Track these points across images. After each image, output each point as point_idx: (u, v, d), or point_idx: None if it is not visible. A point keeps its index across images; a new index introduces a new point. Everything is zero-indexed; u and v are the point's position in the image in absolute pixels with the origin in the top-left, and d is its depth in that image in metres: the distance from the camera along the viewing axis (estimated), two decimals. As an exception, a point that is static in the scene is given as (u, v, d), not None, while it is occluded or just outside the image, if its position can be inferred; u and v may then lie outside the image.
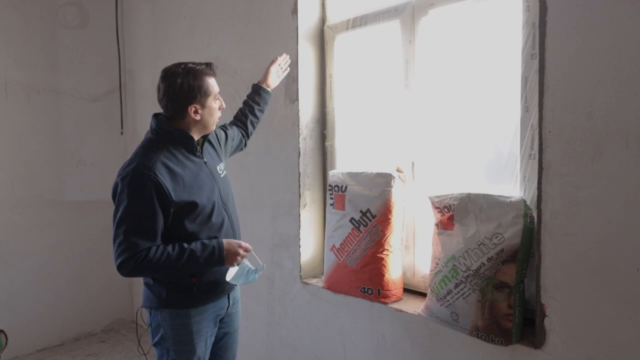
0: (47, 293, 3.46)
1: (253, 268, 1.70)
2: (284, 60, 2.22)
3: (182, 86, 1.60)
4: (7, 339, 3.21)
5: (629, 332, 1.38)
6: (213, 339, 1.81)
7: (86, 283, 3.63)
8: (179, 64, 1.65)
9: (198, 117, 1.66)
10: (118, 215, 1.54)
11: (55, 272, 3.50)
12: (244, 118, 2.12)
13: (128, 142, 3.82)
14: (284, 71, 2.23)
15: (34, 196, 3.39)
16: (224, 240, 1.65)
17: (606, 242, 1.40)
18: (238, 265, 1.66)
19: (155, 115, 1.70)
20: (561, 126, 1.46)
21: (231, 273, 1.64)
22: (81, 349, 3.48)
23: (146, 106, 3.62)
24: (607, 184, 1.39)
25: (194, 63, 1.66)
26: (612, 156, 1.37)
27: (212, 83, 1.68)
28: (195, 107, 1.64)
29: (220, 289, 1.75)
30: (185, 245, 1.59)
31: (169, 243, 1.59)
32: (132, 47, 3.73)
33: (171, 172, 1.59)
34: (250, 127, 2.14)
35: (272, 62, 2.17)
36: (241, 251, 1.65)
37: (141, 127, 3.71)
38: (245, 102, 2.15)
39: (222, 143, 1.95)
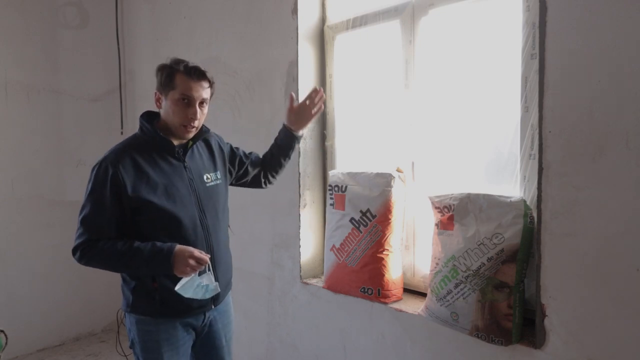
0: (47, 293, 3.46)
1: (204, 284, 1.55)
2: (317, 96, 1.89)
3: (157, 70, 1.62)
4: (7, 339, 3.21)
5: (629, 332, 1.38)
6: (189, 346, 1.71)
7: (86, 283, 3.63)
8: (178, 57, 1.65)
9: (161, 108, 1.63)
10: (82, 203, 1.58)
11: (56, 272, 3.49)
12: (267, 165, 2.00)
13: (128, 142, 3.82)
14: (315, 110, 1.90)
15: (34, 196, 3.39)
16: (178, 246, 1.53)
17: (606, 242, 1.40)
18: (188, 276, 1.54)
19: (143, 114, 1.70)
20: (561, 126, 1.46)
21: (181, 282, 1.53)
22: (81, 349, 3.48)
23: (146, 106, 3.57)
24: (607, 184, 1.39)
25: (183, 60, 1.62)
26: (612, 156, 1.37)
27: (184, 80, 1.57)
28: (157, 93, 1.63)
29: (184, 307, 1.61)
30: (137, 243, 1.53)
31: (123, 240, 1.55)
32: (132, 47, 3.73)
33: (138, 168, 1.57)
34: (270, 177, 2.01)
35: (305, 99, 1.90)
36: (191, 262, 1.50)
37: (141, 127, 3.71)
38: (273, 153, 1.99)
39: (225, 155, 1.88)
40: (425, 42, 2.01)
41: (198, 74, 1.60)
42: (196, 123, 1.63)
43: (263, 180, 2.02)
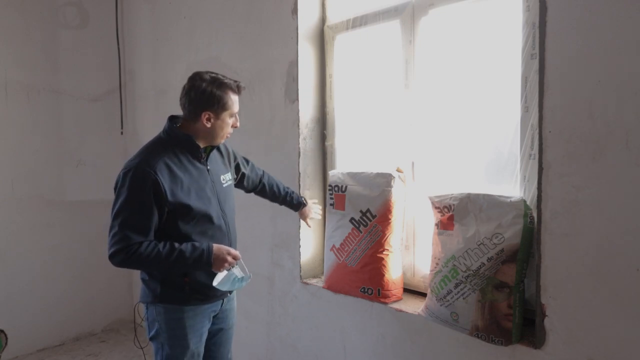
0: (47, 293, 3.46)
1: (240, 276, 1.73)
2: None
3: (204, 91, 1.66)
4: (7, 339, 3.21)
5: (629, 332, 1.38)
6: (207, 334, 1.84)
7: (86, 283, 3.63)
8: (211, 72, 1.72)
9: (209, 125, 1.70)
10: (116, 208, 1.60)
11: (55, 272, 3.50)
12: (266, 187, 2.17)
13: (128, 142, 3.82)
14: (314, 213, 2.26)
15: (34, 196, 3.39)
16: (214, 245, 1.67)
17: (606, 242, 1.40)
18: (226, 271, 1.69)
19: (170, 118, 1.75)
20: (561, 126, 1.46)
21: (218, 278, 1.67)
22: (81, 349, 3.48)
23: (146, 106, 3.63)
24: (607, 184, 1.39)
25: (224, 76, 1.72)
26: (612, 156, 1.37)
27: (233, 99, 1.73)
28: (209, 114, 1.68)
29: (212, 293, 1.76)
30: (176, 244, 1.62)
31: (162, 241, 1.63)
32: (132, 47, 3.73)
33: (172, 173, 1.64)
34: (260, 192, 2.19)
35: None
36: (229, 258, 1.67)
37: (141, 127, 3.71)
38: (281, 191, 2.19)
39: (232, 158, 2.00)
40: (425, 42, 2.01)
41: (242, 90, 1.78)
42: None
43: (250, 192, 2.20)
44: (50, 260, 3.46)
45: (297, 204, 2.21)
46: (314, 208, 2.27)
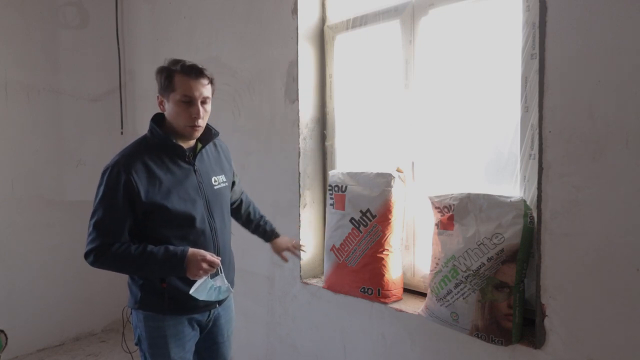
0: (47, 293, 3.46)
1: (217, 285, 1.61)
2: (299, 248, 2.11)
3: (156, 74, 1.63)
4: (7, 339, 3.21)
5: (629, 332, 1.38)
6: (194, 342, 1.75)
7: (86, 283, 3.63)
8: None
9: (164, 110, 1.64)
10: (93, 207, 1.57)
11: (56, 272, 3.49)
12: (243, 205, 2.06)
13: (128, 142, 3.76)
14: (293, 252, 2.09)
15: (34, 196, 3.39)
16: (190, 250, 1.55)
17: (606, 242, 1.40)
18: (201, 279, 1.57)
19: (153, 117, 1.70)
20: (561, 126, 1.46)
21: (195, 285, 1.56)
22: (81, 349, 3.48)
23: (146, 106, 3.62)
24: (607, 184, 1.39)
25: (180, 59, 1.63)
26: (612, 156, 1.37)
27: (182, 80, 1.58)
28: (161, 98, 1.64)
29: (192, 305, 1.64)
30: (150, 247, 1.55)
31: (140, 243, 1.57)
32: (132, 47, 3.73)
33: (150, 173, 1.58)
34: (235, 210, 2.05)
35: (293, 247, 2.08)
36: (204, 265, 1.53)
37: (141, 127, 3.71)
38: (256, 214, 2.08)
39: (230, 161, 1.91)
40: (425, 42, 2.01)
41: (196, 72, 1.59)
42: (201, 122, 1.63)
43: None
44: (50, 260, 3.46)
45: (270, 232, 2.06)
46: (294, 244, 2.09)
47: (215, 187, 1.74)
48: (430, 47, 2.00)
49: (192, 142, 1.71)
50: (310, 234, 2.47)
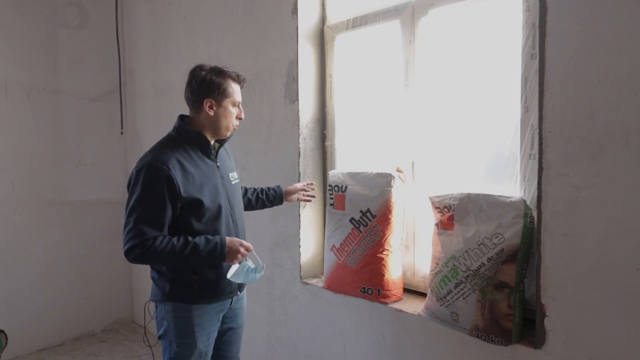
0: (47, 293, 3.46)
1: (253, 267, 1.75)
2: (309, 187, 2.21)
3: (204, 78, 1.70)
4: (7, 339, 3.21)
5: (629, 332, 1.38)
6: (216, 333, 1.85)
7: (86, 283, 3.63)
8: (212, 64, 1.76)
9: (212, 114, 1.73)
10: (130, 204, 1.63)
11: (56, 272, 3.50)
12: (250, 197, 2.13)
13: (128, 142, 3.82)
14: (306, 197, 2.20)
15: (34, 196, 3.39)
16: (227, 238, 1.70)
17: (606, 242, 1.40)
18: (239, 263, 1.72)
19: (181, 117, 1.79)
20: (561, 126, 1.46)
21: (232, 270, 1.70)
22: (81, 349, 3.48)
23: (146, 106, 3.63)
24: (607, 184, 1.39)
25: (225, 67, 1.75)
26: (612, 156, 1.37)
27: (234, 88, 1.75)
28: (210, 101, 1.72)
29: (220, 291, 1.78)
30: (190, 238, 1.65)
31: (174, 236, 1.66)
32: (132, 47, 3.73)
33: (184, 169, 1.67)
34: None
35: (303, 187, 2.18)
36: (242, 249, 1.69)
37: (141, 127, 3.71)
38: (254, 193, 2.15)
39: (235, 160, 2.04)
40: (425, 42, 2.01)
41: (243, 81, 1.79)
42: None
43: None
44: (50, 260, 3.46)
45: (273, 196, 2.14)
46: (303, 187, 2.19)
47: (233, 183, 1.88)
48: (430, 47, 2.00)
49: (222, 139, 1.83)
50: (310, 234, 2.47)
